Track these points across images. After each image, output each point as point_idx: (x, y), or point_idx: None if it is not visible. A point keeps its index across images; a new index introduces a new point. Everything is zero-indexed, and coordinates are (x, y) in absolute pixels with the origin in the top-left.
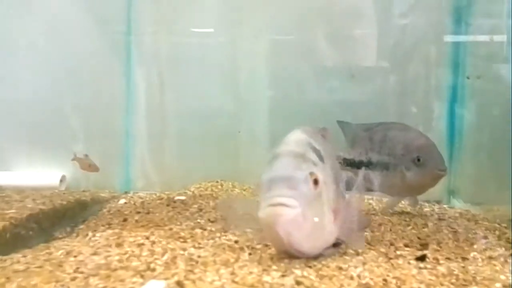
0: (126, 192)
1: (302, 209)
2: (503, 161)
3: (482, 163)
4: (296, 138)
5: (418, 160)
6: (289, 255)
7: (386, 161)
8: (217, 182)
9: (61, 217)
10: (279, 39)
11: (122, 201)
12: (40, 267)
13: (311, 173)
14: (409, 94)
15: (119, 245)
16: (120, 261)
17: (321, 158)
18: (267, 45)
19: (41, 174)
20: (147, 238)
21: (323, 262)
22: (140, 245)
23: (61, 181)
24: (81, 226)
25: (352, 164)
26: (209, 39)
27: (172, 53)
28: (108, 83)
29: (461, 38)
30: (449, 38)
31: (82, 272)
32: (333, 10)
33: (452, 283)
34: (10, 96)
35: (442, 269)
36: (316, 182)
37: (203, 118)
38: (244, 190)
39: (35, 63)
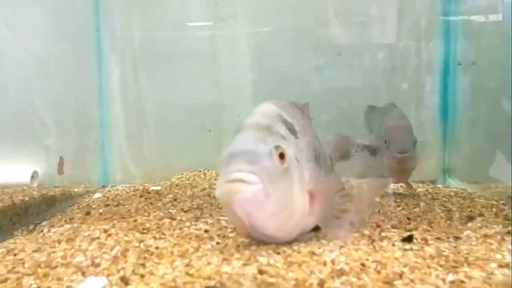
0: (103, 186)
1: (264, 186)
2: (501, 136)
3: (479, 140)
4: (264, 110)
5: (385, 143)
6: (257, 240)
7: (376, 146)
8: (200, 171)
9: (22, 214)
10: (258, 21)
11: (97, 195)
12: None
13: (277, 147)
14: (399, 70)
15: (69, 240)
16: (63, 257)
17: (293, 132)
18: (246, 27)
19: (12, 171)
20: (105, 231)
21: (295, 247)
22: (94, 239)
23: (32, 177)
24: (44, 223)
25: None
26: (186, 26)
27: (146, 41)
28: (79, 74)
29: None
30: (438, 14)
31: (17, 272)
32: None
33: (441, 265)
34: None
35: (430, 250)
36: (282, 156)
37: (183, 106)
38: None
39: (3, 56)
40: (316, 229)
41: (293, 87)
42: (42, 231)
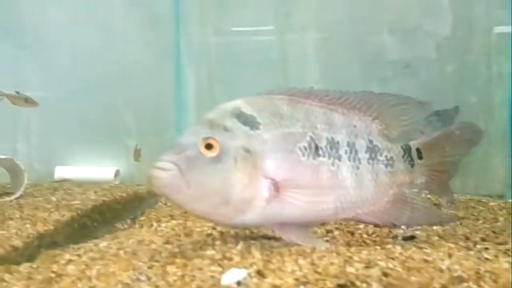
0: None
1: (182, 173)
2: None
3: None
4: (222, 106)
5: None
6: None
7: None
8: None
9: (121, 209)
10: (328, 32)
11: None
12: (115, 255)
13: (205, 138)
14: (468, 83)
15: (187, 235)
16: (194, 249)
17: (251, 124)
18: (316, 38)
19: (97, 169)
20: (214, 228)
21: (406, 254)
22: (208, 235)
23: (115, 175)
24: (142, 218)
25: None
26: (257, 35)
27: (221, 50)
28: (158, 79)
29: None
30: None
31: (157, 261)
32: (382, 2)
33: None
34: (67, 95)
35: None
36: (209, 146)
37: None
38: None
39: (91, 63)
40: None
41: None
42: (151, 225)
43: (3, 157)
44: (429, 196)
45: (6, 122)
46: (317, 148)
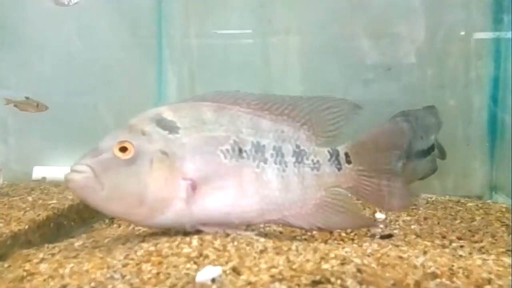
0: None
1: (96, 175)
2: None
3: None
4: (145, 112)
5: None
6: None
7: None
8: None
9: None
10: (310, 35)
11: None
12: (89, 253)
13: (120, 142)
14: (447, 86)
15: (165, 233)
16: (170, 248)
17: (170, 129)
18: (298, 41)
19: None
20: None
21: (382, 251)
22: (186, 233)
23: None
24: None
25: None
26: (239, 38)
27: (203, 52)
28: (140, 81)
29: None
30: (488, 30)
31: (132, 259)
32: (365, 5)
33: None
34: (47, 96)
35: (507, 260)
36: (123, 149)
37: None
38: None
39: (72, 63)
40: None
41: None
42: (130, 224)
43: None
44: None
45: None
46: (240, 151)
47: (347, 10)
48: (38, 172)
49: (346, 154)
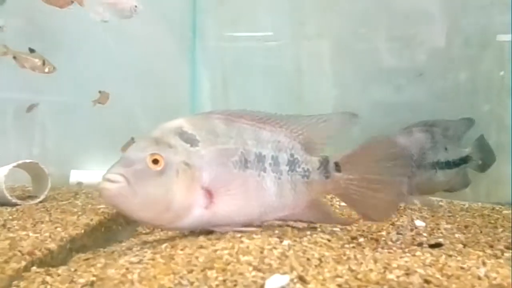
0: None
1: (130, 185)
2: None
3: None
4: (165, 124)
5: None
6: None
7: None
8: None
9: None
10: (341, 39)
11: None
12: (152, 259)
13: (152, 154)
14: (479, 90)
15: (218, 239)
16: (230, 255)
17: (191, 141)
18: (331, 45)
19: None
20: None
21: (442, 261)
22: (236, 239)
23: None
24: None
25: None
26: (272, 42)
27: (236, 56)
28: (174, 85)
29: None
30: None
31: (195, 265)
32: (396, 9)
33: None
34: (86, 100)
35: None
36: (156, 161)
37: None
38: None
39: (107, 67)
40: None
41: (374, 104)
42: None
43: (28, 161)
44: None
45: (22, 126)
46: (246, 161)
47: (377, 14)
48: (75, 176)
49: (336, 163)
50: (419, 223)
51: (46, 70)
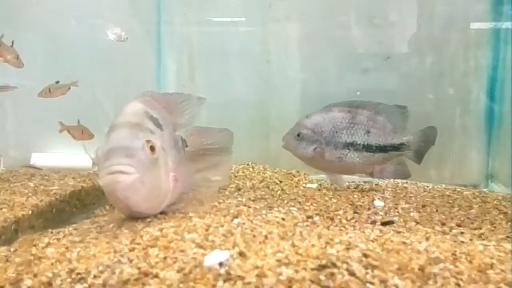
0: None
1: (140, 175)
2: None
3: None
4: (133, 109)
5: None
6: (131, 215)
7: None
8: (248, 164)
9: (101, 195)
10: (310, 22)
11: None
12: (95, 238)
13: (148, 141)
14: (445, 76)
15: (168, 218)
16: (176, 233)
17: (159, 126)
18: (299, 28)
19: (74, 156)
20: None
21: (386, 237)
22: (192, 221)
23: (94, 163)
24: None
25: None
26: (239, 25)
27: (202, 40)
28: (139, 67)
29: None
30: (487, 20)
31: (139, 244)
32: None
33: None
34: (45, 83)
35: (507, 246)
36: (152, 149)
37: (234, 102)
38: (276, 173)
39: (71, 51)
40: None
41: (340, 88)
42: None
43: None
44: None
45: None
46: (176, 144)
47: None
48: (36, 159)
49: (183, 139)
50: (378, 203)
51: (21, 65)
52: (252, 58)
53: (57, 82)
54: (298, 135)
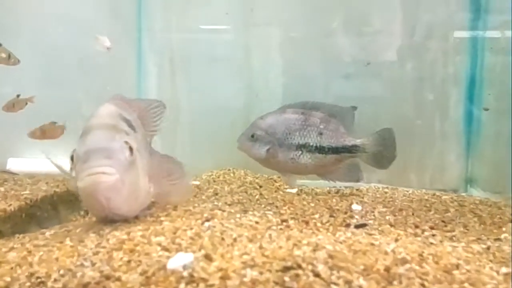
0: None
1: (120, 176)
2: None
3: (503, 150)
4: (107, 111)
5: None
6: (109, 219)
7: None
8: (229, 170)
9: (75, 200)
10: (291, 27)
11: None
12: (60, 242)
13: (126, 142)
14: (425, 81)
15: (141, 222)
16: (142, 236)
17: (132, 127)
18: (279, 34)
19: (53, 161)
20: (166, 215)
21: (354, 239)
22: (161, 224)
23: (71, 169)
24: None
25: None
26: (221, 31)
27: (184, 42)
28: (119, 71)
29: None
30: (466, 28)
31: (104, 247)
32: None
33: (490, 260)
34: (23, 87)
35: (476, 247)
36: (130, 150)
37: (215, 107)
38: (257, 178)
39: (51, 55)
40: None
41: (322, 93)
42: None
43: None
44: None
45: None
46: (148, 147)
47: (329, 3)
48: (12, 164)
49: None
50: (355, 206)
51: (12, 61)
52: (234, 63)
53: (18, 95)
54: (252, 136)
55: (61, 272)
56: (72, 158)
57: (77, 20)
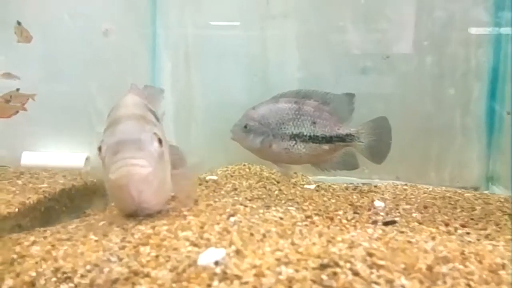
0: None
1: (153, 168)
2: None
3: None
4: (133, 101)
5: None
6: (136, 213)
7: None
8: (244, 165)
9: (91, 194)
10: (308, 20)
11: None
12: (84, 236)
13: (155, 133)
14: (446, 76)
15: (162, 217)
16: (169, 231)
17: (157, 118)
18: (295, 27)
19: (66, 155)
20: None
21: (390, 235)
22: (186, 219)
23: (85, 162)
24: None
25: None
26: (235, 26)
27: (199, 35)
28: (133, 65)
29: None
30: (488, 21)
31: (129, 242)
32: None
33: None
34: (37, 81)
35: None
36: (160, 141)
37: (230, 101)
38: (273, 173)
39: (64, 49)
40: None
41: (338, 87)
42: None
43: None
44: None
45: None
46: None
47: None
48: (27, 158)
49: None
50: (378, 203)
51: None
52: (250, 57)
53: (18, 89)
54: (245, 126)
55: (88, 267)
56: (99, 149)
57: (91, 14)
